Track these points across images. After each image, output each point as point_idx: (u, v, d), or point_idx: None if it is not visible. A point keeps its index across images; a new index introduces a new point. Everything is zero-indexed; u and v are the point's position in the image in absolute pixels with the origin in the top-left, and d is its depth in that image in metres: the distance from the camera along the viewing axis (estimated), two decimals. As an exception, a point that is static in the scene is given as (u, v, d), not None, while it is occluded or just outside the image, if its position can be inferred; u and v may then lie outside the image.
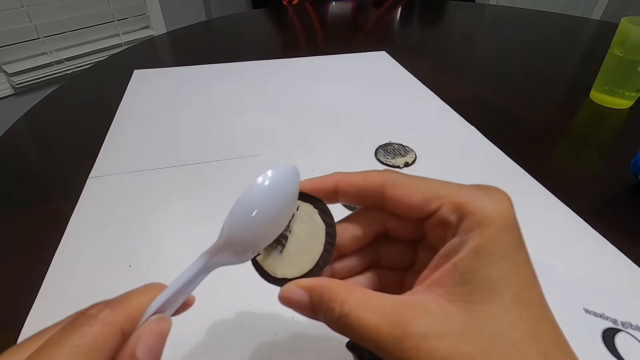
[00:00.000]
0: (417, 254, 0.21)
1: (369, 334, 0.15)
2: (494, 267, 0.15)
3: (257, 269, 0.20)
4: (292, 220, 0.20)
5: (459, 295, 0.15)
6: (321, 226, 0.20)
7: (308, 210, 0.20)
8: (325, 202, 0.20)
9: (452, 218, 0.16)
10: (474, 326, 0.14)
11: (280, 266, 0.20)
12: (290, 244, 0.20)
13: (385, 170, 0.19)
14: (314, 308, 0.17)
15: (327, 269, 0.21)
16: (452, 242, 0.16)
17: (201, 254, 0.19)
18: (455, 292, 0.15)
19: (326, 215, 0.20)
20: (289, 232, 0.20)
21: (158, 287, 0.18)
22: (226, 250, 0.18)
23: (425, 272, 0.17)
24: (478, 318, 0.14)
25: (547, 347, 0.14)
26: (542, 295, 0.15)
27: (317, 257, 0.20)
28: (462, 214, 0.16)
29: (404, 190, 0.18)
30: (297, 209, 0.20)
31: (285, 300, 0.18)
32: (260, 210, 0.18)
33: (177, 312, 0.18)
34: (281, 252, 0.20)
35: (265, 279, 0.20)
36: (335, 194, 0.20)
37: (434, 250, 0.18)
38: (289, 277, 0.19)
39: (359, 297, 0.16)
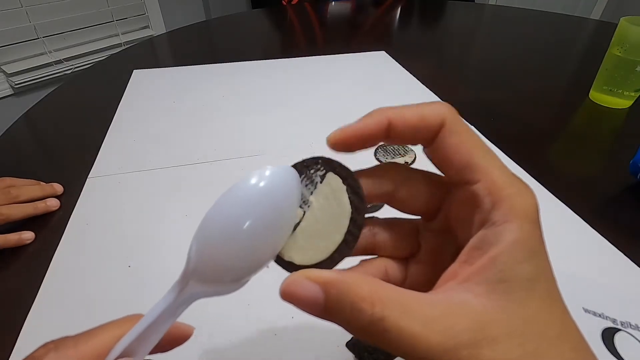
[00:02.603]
0: (422, 239, 0.19)
1: (412, 344, 0.13)
2: (531, 264, 0.14)
3: None
4: (314, 193, 0.17)
5: (500, 294, 0.14)
6: (346, 210, 0.16)
7: (335, 185, 0.17)
8: (370, 146, 0.17)
9: (486, 201, 0.15)
10: (518, 328, 0.13)
11: (290, 246, 0.16)
12: (306, 223, 0.17)
13: (441, 104, 0.16)
14: (330, 309, 0.14)
15: None
16: (485, 233, 0.15)
17: (173, 284, 0.16)
18: (496, 290, 0.14)
19: (356, 197, 0.16)
20: (307, 206, 0.17)
21: (134, 320, 0.16)
22: (198, 283, 0.15)
23: (455, 266, 0.15)
24: (520, 317, 0.14)
25: (577, 342, 0.14)
26: (559, 291, 0.15)
27: (334, 249, 0.16)
28: (497, 199, 0.14)
29: (455, 143, 0.16)
30: (322, 181, 0.17)
31: (288, 296, 0.14)
32: (236, 232, 0.14)
33: (168, 347, 0.17)
34: (294, 229, 0.17)
35: None
36: (386, 137, 0.17)
37: (443, 235, 0.17)
38: (297, 262, 0.16)
39: (393, 296, 0.14)
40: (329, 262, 0.16)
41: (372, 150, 0.50)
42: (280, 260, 0.17)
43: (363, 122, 0.16)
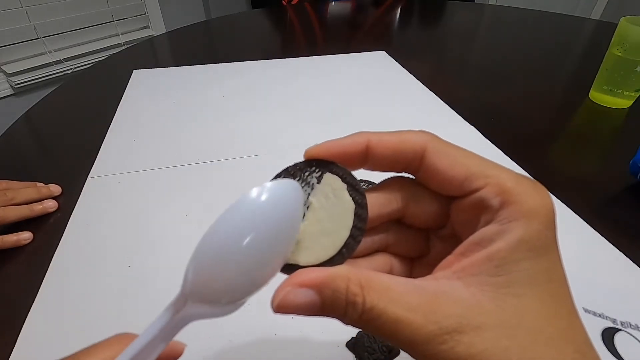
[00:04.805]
0: (431, 245, 0.19)
1: (398, 329, 0.13)
2: (533, 262, 0.14)
3: None
4: (312, 194, 0.16)
5: (493, 286, 0.14)
6: (349, 206, 0.16)
7: (334, 184, 0.16)
8: (349, 169, 0.17)
9: (494, 202, 0.14)
10: (511, 320, 0.13)
11: (294, 249, 0.16)
12: (307, 222, 0.16)
13: (422, 131, 0.16)
14: (326, 308, 0.14)
15: None
16: (487, 230, 0.14)
17: (165, 307, 0.15)
18: (489, 282, 0.14)
19: (357, 193, 0.16)
20: (307, 207, 0.16)
21: (126, 340, 0.15)
22: (196, 303, 0.14)
23: (450, 258, 0.15)
24: (514, 312, 0.13)
25: (582, 343, 0.14)
26: (571, 293, 0.15)
27: (341, 244, 0.16)
28: (505, 200, 0.14)
29: (447, 161, 0.16)
30: (320, 182, 0.16)
31: (284, 309, 0.14)
32: (236, 248, 0.13)
33: None
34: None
35: None
36: (364, 159, 0.17)
37: (452, 241, 0.16)
38: (302, 264, 0.16)
39: (382, 285, 0.14)
40: (339, 258, 0.16)
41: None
42: (285, 265, 0.16)
43: (341, 141, 0.16)
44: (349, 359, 0.28)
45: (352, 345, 0.29)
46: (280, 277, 0.15)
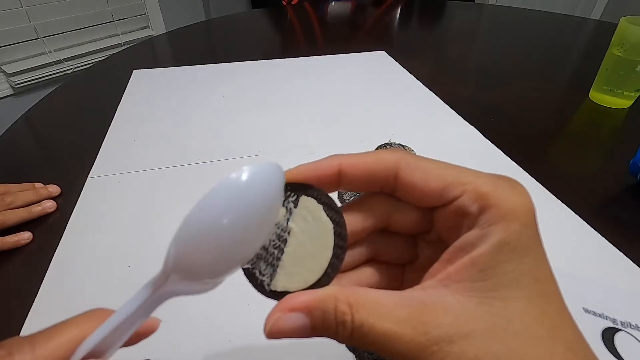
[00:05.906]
0: (419, 249, 0.19)
1: (389, 343, 0.13)
2: (516, 263, 0.14)
3: (250, 281, 0.16)
4: (291, 219, 0.16)
5: (479, 291, 0.14)
6: (328, 226, 0.16)
7: (311, 206, 0.16)
8: (325, 191, 0.17)
9: (473, 208, 0.15)
10: (499, 324, 0.13)
11: (280, 276, 0.16)
12: (291, 248, 0.16)
13: (395, 149, 0.17)
14: (317, 329, 0.14)
15: None
16: (469, 235, 0.14)
17: (145, 283, 0.15)
18: (474, 288, 0.14)
19: (334, 212, 0.16)
20: (288, 233, 0.16)
21: (99, 316, 0.15)
22: (177, 279, 0.15)
23: (436, 266, 0.15)
24: (502, 315, 0.13)
25: (572, 340, 0.14)
26: (559, 289, 0.15)
27: (326, 265, 0.16)
28: (484, 205, 0.14)
29: (422, 174, 0.16)
30: (297, 206, 0.16)
31: (277, 334, 0.14)
32: (217, 226, 0.14)
33: (133, 341, 0.16)
34: (280, 258, 0.16)
35: (262, 293, 0.16)
36: (338, 181, 0.17)
37: (439, 245, 0.17)
38: (292, 290, 0.16)
39: (370, 301, 0.14)
40: (325, 279, 0.16)
41: (372, 150, 0.50)
42: (275, 293, 0.16)
43: (314, 165, 0.17)
44: (349, 359, 0.28)
45: (352, 345, 0.29)
46: (272, 303, 0.16)
